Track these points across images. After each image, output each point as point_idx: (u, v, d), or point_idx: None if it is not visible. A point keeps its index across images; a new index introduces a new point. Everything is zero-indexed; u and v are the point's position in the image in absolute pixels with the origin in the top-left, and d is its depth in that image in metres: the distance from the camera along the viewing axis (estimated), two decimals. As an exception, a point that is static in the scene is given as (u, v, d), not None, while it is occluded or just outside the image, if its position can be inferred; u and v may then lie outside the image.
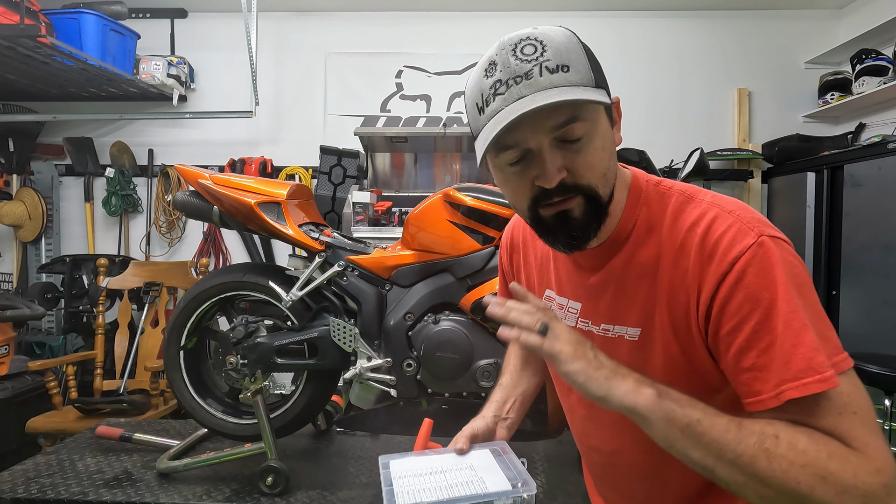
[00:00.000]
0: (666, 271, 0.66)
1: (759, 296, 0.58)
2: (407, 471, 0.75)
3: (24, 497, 1.34)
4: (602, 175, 0.65)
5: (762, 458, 0.55)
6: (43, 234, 3.29)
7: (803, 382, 0.56)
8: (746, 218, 0.63)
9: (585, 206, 0.65)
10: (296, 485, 1.42)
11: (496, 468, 0.74)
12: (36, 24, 2.39)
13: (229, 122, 3.35)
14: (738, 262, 0.60)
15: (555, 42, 0.62)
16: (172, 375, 1.56)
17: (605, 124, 0.66)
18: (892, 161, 2.43)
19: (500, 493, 0.68)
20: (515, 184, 0.67)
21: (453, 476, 0.73)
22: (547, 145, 0.62)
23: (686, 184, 0.72)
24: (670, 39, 3.39)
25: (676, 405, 0.59)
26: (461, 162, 3.45)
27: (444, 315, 1.50)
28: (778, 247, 0.60)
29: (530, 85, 0.60)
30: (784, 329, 0.57)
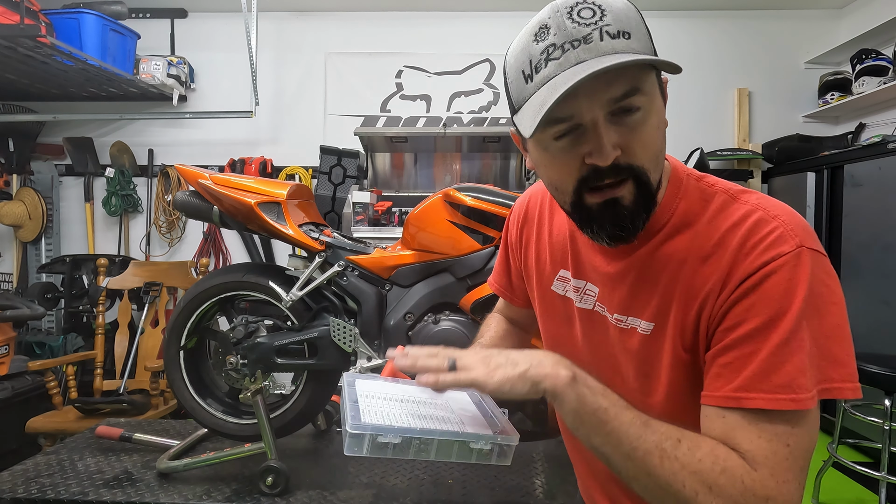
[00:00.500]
0: (692, 267, 0.63)
1: (769, 305, 0.57)
2: (375, 392, 0.68)
3: (24, 497, 1.34)
4: (655, 157, 0.61)
5: (656, 455, 0.57)
6: (43, 234, 3.29)
7: (776, 397, 0.56)
8: (791, 225, 0.59)
9: (636, 194, 0.60)
10: (296, 485, 1.41)
11: (475, 411, 0.68)
12: (36, 24, 2.39)
13: (229, 122, 3.35)
14: (767, 266, 0.57)
15: (614, 7, 0.57)
16: (172, 375, 1.56)
17: (660, 101, 0.61)
18: (892, 161, 2.43)
19: (480, 435, 0.61)
20: (562, 162, 0.61)
21: (426, 409, 0.66)
22: (602, 119, 0.57)
23: (730, 182, 0.67)
24: (670, 39, 3.39)
25: (589, 391, 0.60)
26: (461, 162, 3.45)
27: (444, 315, 1.50)
28: (813, 262, 0.57)
29: (590, 49, 0.55)
30: (778, 345, 0.56)
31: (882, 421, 1.93)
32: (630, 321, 0.69)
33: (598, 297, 0.74)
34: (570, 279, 0.79)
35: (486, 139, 3.23)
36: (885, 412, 1.92)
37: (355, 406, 0.63)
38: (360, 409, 0.62)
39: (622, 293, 0.70)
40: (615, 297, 0.71)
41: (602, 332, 0.74)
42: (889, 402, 1.91)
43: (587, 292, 0.76)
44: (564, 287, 0.80)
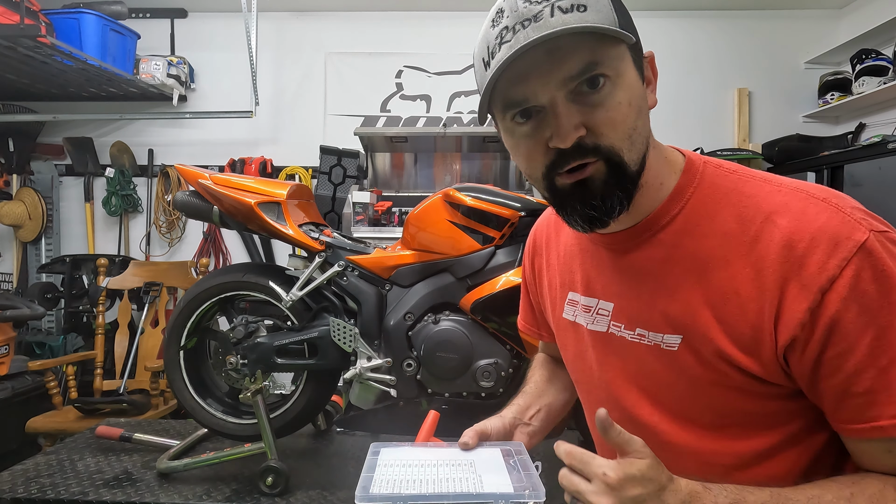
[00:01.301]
0: (727, 269, 0.55)
1: (875, 307, 0.49)
2: (396, 460, 0.65)
3: (24, 497, 1.34)
4: (626, 135, 0.55)
5: None
6: (43, 234, 3.29)
7: None
8: (847, 208, 0.52)
9: (607, 174, 0.56)
10: (296, 485, 1.41)
11: (502, 468, 0.63)
12: (36, 24, 2.39)
13: (229, 122, 3.35)
14: (850, 264, 0.49)
15: None
16: (172, 375, 1.56)
17: (633, 76, 0.56)
18: (892, 161, 2.43)
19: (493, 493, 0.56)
20: (527, 148, 0.58)
21: (446, 471, 0.62)
22: (562, 99, 0.54)
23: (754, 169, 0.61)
24: (670, 39, 3.39)
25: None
26: (461, 162, 3.45)
27: (444, 315, 1.50)
28: (891, 244, 0.51)
29: (539, 27, 0.51)
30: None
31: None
32: (652, 336, 0.62)
33: (613, 315, 0.67)
34: (580, 300, 0.72)
35: (486, 139, 3.23)
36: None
37: (368, 477, 0.60)
38: (373, 479, 0.60)
39: (640, 302, 0.63)
40: (633, 308, 0.64)
41: (621, 357, 0.67)
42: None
43: (600, 311, 0.68)
44: (574, 312, 0.74)
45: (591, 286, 0.70)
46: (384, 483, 0.59)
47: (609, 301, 0.67)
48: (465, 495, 0.56)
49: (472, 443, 0.67)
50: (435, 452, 0.67)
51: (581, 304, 0.72)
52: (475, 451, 0.67)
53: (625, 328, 0.65)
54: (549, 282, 0.81)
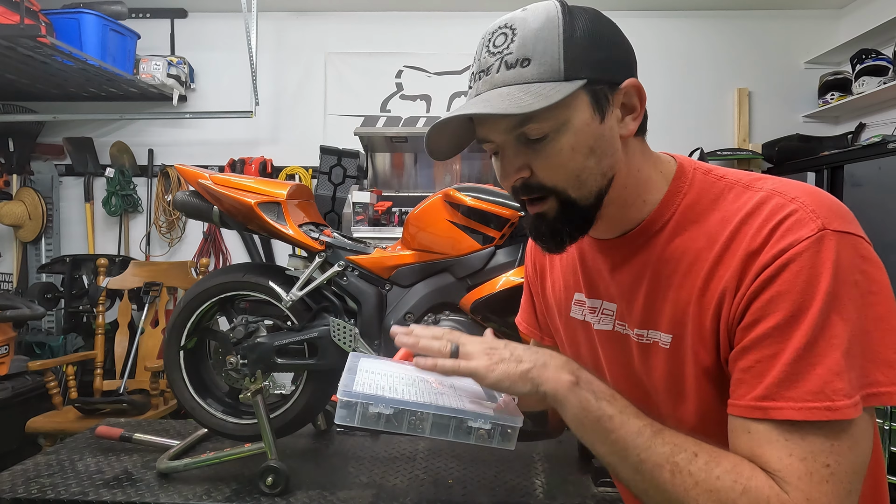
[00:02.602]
0: (707, 266, 0.58)
1: (789, 298, 0.51)
2: (377, 369, 0.66)
3: (24, 497, 1.34)
4: (572, 177, 0.59)
5: (666, 469, 0.53)
6: (43, 234, 3.29)
7: (808, 405, 0.49)
8: (812, 206, 0.53)
9: (559, 210, 0.61)
10: (296, 485, 1.41)
11: (479, 393, 0.65)
12: (36, 24, 2.39)
13: (229, 122, 3.35)
14: (785, 254, 0.51)
15: (527, 30, 0.58)
16: (172, 375, 1.56)
17: (582, 119, 0.58)
18: (892, 161, 2.43)
19: (480, 414, 0.57)
20: (500, 176, 0.65)
21: (427, 386, 0.63)
22: (509, 142, 0.60)
23: (744, 171, 0.63)
24: (670, 39, 3.39)
25: (593, 396, 0.57)
26: (461, 162, 3.45)
27: (444, 315, 1.50)
28: (840, 245, 0.51)
29: (487, 82, 0.59)
30: (805, 345, 0.50)
31: (882, 421, 1.93)
32: (650, 335, 0.65)
33: (617, 315, 0.70)
34: (586, 301, 0.75)
35: (486, 139, 3.23)
36: (885, 412, 1.92)
37: (350, 377, 0.61)
38: (354, 379, 0.60)
39: (640, 303, 0.66)
40: (634, 310, 0.67)
41: (626, 354, 0.70)
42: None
43: (604, 312, 0.72)
44: (582, 311, 0.76)
45: (593, 288, 0.73)
46: (365, 385, 0.59)
47: (612, 302, 0.70)
48: (449, 409, 0.57)
49: None
50: (414, 371, 0.67)
51: (587, 305, 0.75)
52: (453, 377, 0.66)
53: (628, 326, 0.68)
54: (552, 283, 0.83)
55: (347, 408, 0.55)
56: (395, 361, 0.73)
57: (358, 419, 0.55)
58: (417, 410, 0.56)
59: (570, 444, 1.65)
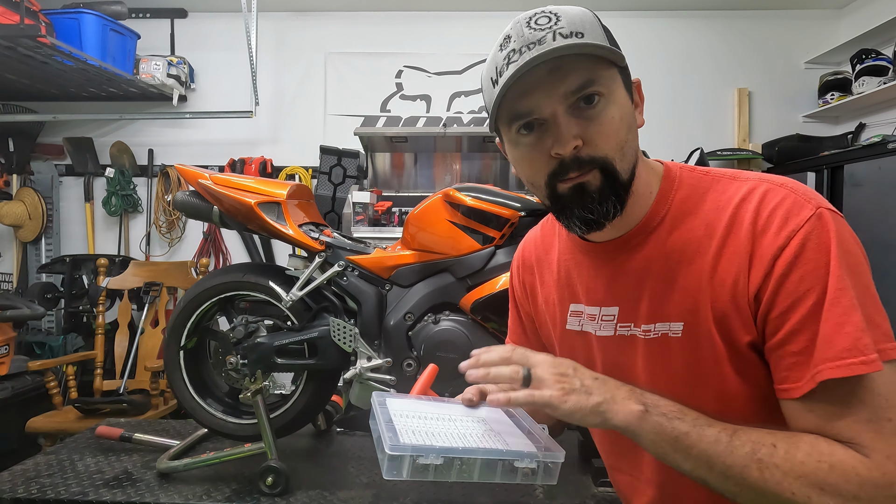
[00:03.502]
0: (711, 252, 0.62)
1: (816, 273, 0.55)
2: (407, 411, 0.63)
3: (24, 497, 1.34)
4: (619, 147, 0.62)
5: (753, 468, 0.54)
6: (43, 234, 3.29)
7: (846, 363, 0.52)
8: (801, 190, 0.60)
9: (603, 180, 0.62)
10: (296, 485, 1.41)
11: (513, 428, 0.64)
12: (36, 24, 2.39)
13: (229, 122, 3.35)
14: (797, 235, 0.56)
15: (569, 13, 0.61)
16: (172, 375, 1.56)
17: (623, 95, 0.63)
18: (892, 161, 2.43)
19: (524, 453, 0.57)
20: (531, 157, 0.64)
21: (464, 425, 0.62)
22: (562, 111, 0.60)
23: (724, 168, 0.69)
24: (670, 39, 3.39)
25: (664, 419, 0.58)
26: (461, 162, 3.45)
27: (444, 315, 1.50)
28: (835, 221, 0.57)
29: (543, 49, 0.58)
30: (830, 307, 0.54)
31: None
32: (658, 327, 0.67)
33: (619, 318, 0.71)
34: (584, 310, 0.76)
35: (486, 139, 3.23)
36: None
37: (391, 426, 0.57)
38: (396, 428, 0.57)
39: (645, 300, 0.68)
40: (639, 307, 0.68)
41: (630, 357, 0.71)
42: (889, 402, 1.91)
43: (604, 318, 0.73)
44: (580, 322, 0.77)
45: (593, 295, 0.74)
46: (409, 434, 0.57)
47: (614, 306, 0.72)
48: (496, 452, 0.56)
49: (475, 399, 0.69)
50: (442, 407, 0.67)
51: (586, 313, 0.76)
52: (481, 409, 0.67)
53: (633, 327, 0.70)
54: (544, 299, 0.83)
55: (396, 461, 0.53)
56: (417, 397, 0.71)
57: (407, 472, 0.54)
58: (467, 457, 0.55)
59: (570, 444, 1.65)
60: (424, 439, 0.56)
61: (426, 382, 0.75)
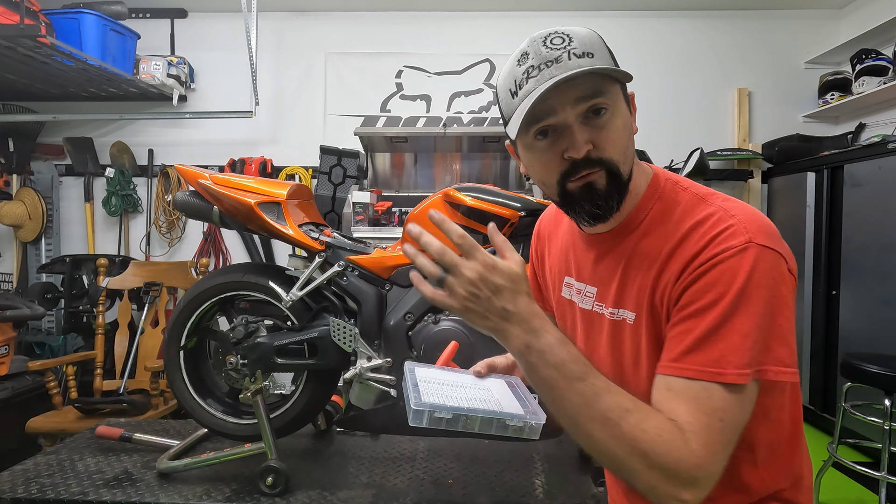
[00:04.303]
0: (662, 261, 0.71)
1: (712, 289, 0.65)
2: (431, 378, 0.83)
3: (24, 497, 1.34)
4: (622, 151, 0.71)
5: (598, 423, 0.64)
6: (43, 234, 3.29)
7: (705, 369, 0.63)
8: (745, 222, 0.67)
9: (608, 179, 0.71)
10: (296, 485, 1.42)
11: (510, 396, 0.82)
12: (36, 24, 2.39)
13: (229, 122, 3.35)
14: (716, 257, 0.65)
15: (580, 35, 0.70)
16: (172, 375, 1.56)
17: (625, 107, 0.73)
18: (892, 161, 2.43)
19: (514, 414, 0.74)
20: (546, 159, 0.73)
21: (472, 392, 0.81)
22: (574, 119, 0.69)
23: (703, 186, 0.76)
24: (670, 39, 3.39)
25: (541, 362, 0.67)
26: (461, 162, 3.45)
27: (444, 315, 1.50)
28: (759, 257, 0.64)
29: (560, 67, 0.68)
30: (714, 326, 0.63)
31: (882, 421, 1.93)
32: (620, 313, 0.78)
33: (596, 297, 0.83)
34: (574, 283, 0.88)
35: (486, 139, 3.23)
36: (885, 412, 1.92)
37: (417, 388, 0.78)
38: (420, 390, 0.77)
39: (614, 287, 0.79)
40: (609, 292, 0.80)
41: (598, 331, 0.82)
42: (889, 402, 1.91)
43: (587, 294, 0.85)
44: (570, 292, 0.89)
45: (581, 273, 0.87)
46: (429, 395, 0.76)
47: (594, 286, 0.84)
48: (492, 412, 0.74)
49: (483, 371, 0.89)
50: (458, 377, 0.87)
51: (575, 286, 0.88)
52: (487, 379, 0.88)
53: (605, 307, 0.81)
54: (550, 266, 0.97)
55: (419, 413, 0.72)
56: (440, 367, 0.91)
57: (426, 422, 0.72)
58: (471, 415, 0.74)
59: (570, 444, 1.65)
60: (440, 400, 0.75)
61: (448, 356, 0.93)
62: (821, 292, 2.82)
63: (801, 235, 2.89)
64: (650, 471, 0.61)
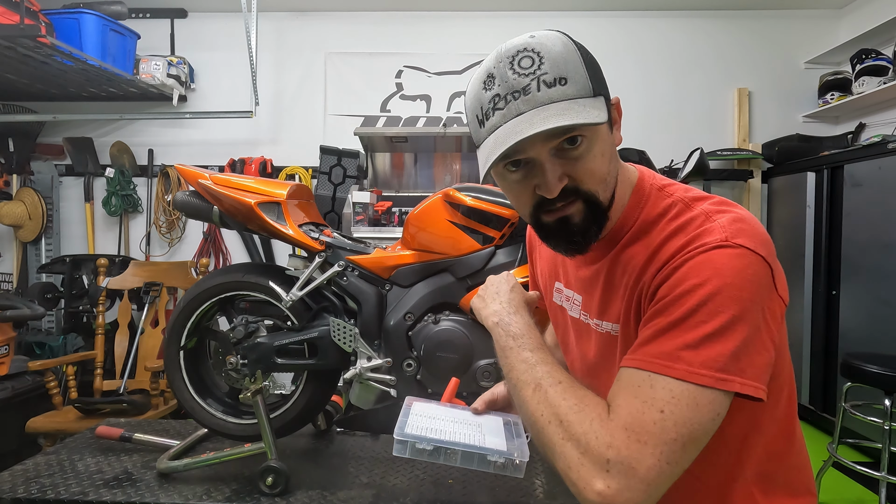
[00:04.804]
0: (644, 269, 0.68)
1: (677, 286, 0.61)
2: (424, 412, 0.85)
3: (24, 497, 1.34)
4: (602, 180, 0.66)
5: (531, 387, 0.66)
6: (43, 234, 3.29)
7: (651, 360, 0.59)
8: (722, 224, 0.63)
9: (585, 212, 0.67)
10: (296, 485, 1.41)
11: (501, 433, 0.81)
12: (36, 24, 2.39)
13: (229, 122, 3.35)
14: (686, 254, 0.62)
15: (552, 53, 0.62)
16: (172, 375, 1.56)
17: (605, 130, 0.66)
18: (892, 161, 2.43)
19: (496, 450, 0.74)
20: (518, 191, 0.69)
21: (462, 427, 0.81)
22: (546, 155, 0.63)
23: (694, 190, 0.71)
24: (670, 39, 3.39)
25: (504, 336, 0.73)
26: (461, 162, 3.45)
27: (444, 315, 1.50)
28: (735, 258, 0.59)
29: (528, 101, 0.61)
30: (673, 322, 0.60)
31: (882, 421, 1.93)
32: (604, 325, 0.76)
33: (582, 305, 0.81)
34: (563, 290, 0.87)
35: (486, 139, 3.23)
36: (885, 412, 1.92)
37: (404, 420, 0.80)
38: (407, 422, 0.79)
39: (597, 298, 0.77)
40: (592, 303, 0.78)
41: (586, 339, 0.81)
42: (889, 402, 1.91)
43: (574, 301, 0.83)
44: (560, 298, 0.88)
45: (568, 280, 0.85)
46: (414, 427, 0.79)
47: (580, 294, 0.82)
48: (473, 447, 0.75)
49: (480, 409, 0.89)
50: (454, 413, 0.87)
51: (564, 293, 0.87)
52: (484, 416, 0.87)
53: (589, 317, 0.80)
54: (541, 270, 0.96)
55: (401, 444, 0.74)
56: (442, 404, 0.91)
57: (409, 452, 0.75)
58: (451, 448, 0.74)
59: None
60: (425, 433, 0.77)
61: (451, 392, 0.93)
62: (821, 292, 2.82)
63: (801, 235, 2.89)
64: (564, 443, 0.59)
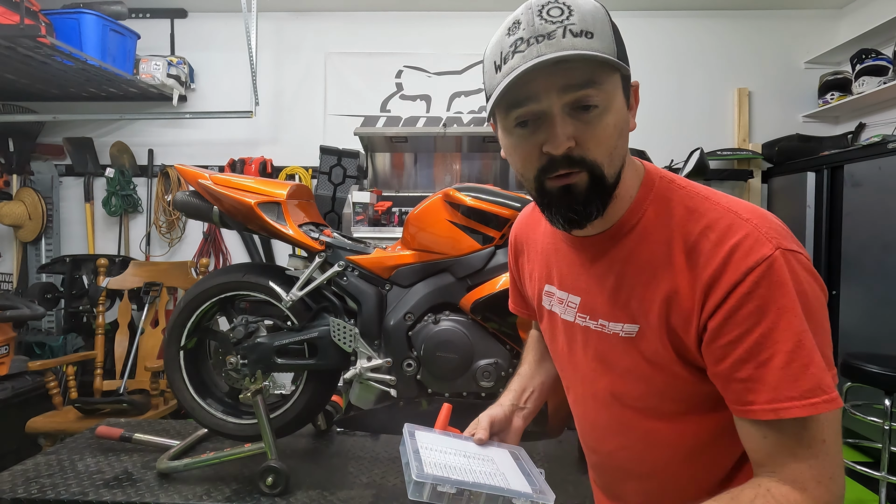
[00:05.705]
0: (673, 270, 0.64)
1: (767, 309, 0.57)
2: (431, 444, 0.77)
3: (24, 497, 1.34)
4: (609, 153, 0.63)
5: None
6: (43, 234, 3.29)
7: (811, 402, 0.56)
8: (764, 228, 0.61)
9: (589, 183, 0.63)
10: (296, 485, 1.41)
11: (516, 469, 0.76)
12: (36, 24, 2.39)
13: (229, 122, 3.35)
14: (752, 273, 0.58)
15: (582, 9, 0.60)
16: (172, 375, 1.56)
17: (621, 102, 0.64)
18: (892, 161, 2.43)
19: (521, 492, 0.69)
20: (523, 149, 0.65)
21: (476, 463, 0.75)
22: (559, 109, 0.61)
23: (700, 184, 0.70)
24: (670, 39, 3.39)
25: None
26: (461, 162, 3.45)
27: (444, 315, 1.50)
28: (794, 261, 0.59)
29: (551, 45, 0.58)
30: (793, 348, 0.56)
31: (882, 421, 1.93)
32: (612, 326, 0.71)
33: (580, 308, 0.76)
34: (556, 292, 0.81)
35: (486, 139, 3.23)
36: (885, 412, 1.92)
37: (418, 456, 0.72)
38: (422, 459, 0.71)
39: (605, 296, 0.72)
40: (598, 302, 0.73)
41: (580, 343, 0.77)
42: (889, 402, 1.91)
43: (569, 304, 0.78)
44: (550, 302, 0.83)
45: (563, 281, 0.80)
46: (431, 465, 0.70)
47: (577, 295, 0.77)
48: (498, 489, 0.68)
49: (484, 437, 0.81)
50: (460, 444, 0.80)
51: (556, 296, 0.82)
52: (489, 448, 0.81)
53: (589, 319, 0.75)
54: (530, 273, 0.90)
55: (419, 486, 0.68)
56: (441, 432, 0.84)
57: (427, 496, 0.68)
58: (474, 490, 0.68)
59: (570, 444, 1.65)
60: (443, 471, 0.69)
61: (444, 419, 0.86)
62: (821, 292, 2.82)
63: (801, 235, 2.89)
64: None
